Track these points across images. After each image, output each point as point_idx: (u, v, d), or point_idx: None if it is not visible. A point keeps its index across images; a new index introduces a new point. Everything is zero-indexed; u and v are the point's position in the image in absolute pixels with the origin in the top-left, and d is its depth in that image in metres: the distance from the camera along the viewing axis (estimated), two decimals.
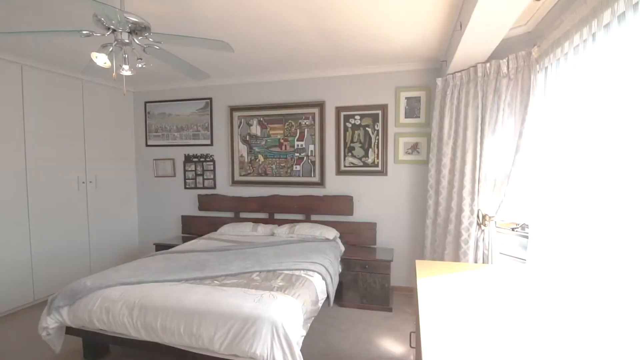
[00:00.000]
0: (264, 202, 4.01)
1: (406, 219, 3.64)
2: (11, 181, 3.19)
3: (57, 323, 2.23)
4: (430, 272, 1.89)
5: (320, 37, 2.78)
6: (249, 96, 4.07)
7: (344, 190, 3.80)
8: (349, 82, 3.72)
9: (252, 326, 1.83)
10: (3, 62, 3.10)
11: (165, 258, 2.84)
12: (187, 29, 2.55)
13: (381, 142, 3.64)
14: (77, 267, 3.81)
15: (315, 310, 2.33)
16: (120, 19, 1.74)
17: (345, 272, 3.27)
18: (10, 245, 3.18)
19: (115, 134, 4.29)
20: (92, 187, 3.98)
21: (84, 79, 3.84)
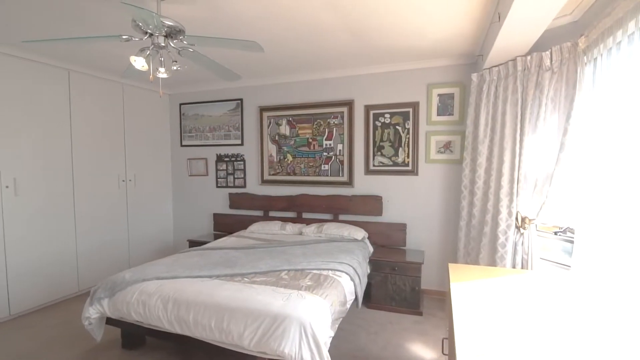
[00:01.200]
0: (292, 201, 4.04)
1: (438, 220, 3.52)
2: (60, 180, 3.41)
3: (98, 314, 2.35)
4: (464, 276, 1.80)
5: (350, 35, 2.74)
6: (279, 96, 4.11)
7: (373, 190, 3.74)
8: (378, 80, 3.65)
9: (280, 324, 1.84)
10: (53, 68, 3.33)
11: (198, 254, 2.92)
12: (219, 31, 2.60)
13: (412, 141, 3.55)
14: (117, 260, 4.02)
15: (344, 311, 2.30)
16: (156, 23, 1.80)
17: (374, 274, 3.22)
18: (58, 239, 3.41)
19: (152, 134, 4.49)
20: (132, 185, 4.19)
21: (124, 83, 4.04)
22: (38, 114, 3.22)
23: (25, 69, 3.11)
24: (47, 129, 3.30)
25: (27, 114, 3.13)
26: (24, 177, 3.12)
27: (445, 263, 3.44)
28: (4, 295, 2.99)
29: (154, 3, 2.03)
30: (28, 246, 3.16)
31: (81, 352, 2.51)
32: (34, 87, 3.18)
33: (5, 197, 2.98)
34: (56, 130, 3.37)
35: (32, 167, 3.18)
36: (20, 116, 3.08)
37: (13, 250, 3.05)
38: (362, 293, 2.69)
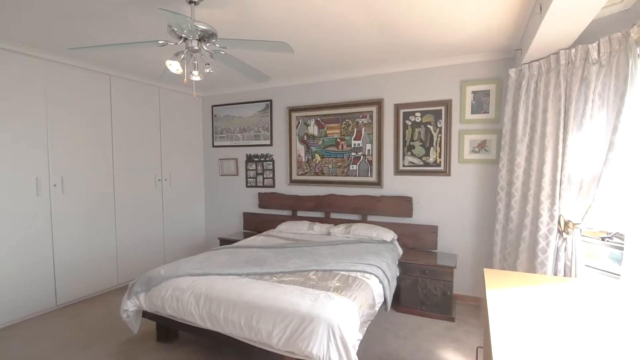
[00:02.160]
0: (320, 201, 4.03)
1: (471, 222, 3.38)
2: (102, 179, 3.62)
3: (136, 307, 2.47)
4: (501, 282, 1.71)
5: (380, 32, 2.69)
6: (307, 96, 4.12)
7: (403, 191, 3.66)
8: (408, 78, 3.56)
9: (309, 325, 1.83)
10: (96, 74, 3.54)
11: (228, 252, 2.99)
12: (250, 34, 2.64)
13: (444, 140, 3.43)
14: (153, 256, 4.20)
15: (372, 314, 2.27)
16: (190, 27, 1.86)
17: (404, 276, 3.14)
18: (100, 235, 3.62)
19: (186, 135, 4.65)
20: (167, 185, 4.36)
21: (160, 86, 4.22)
22: (83, 117, 3.42)
23: (71, 75, 3.32)
24: (91, 131, 3.50)
25: (74, 117, 3.34)
26: (70, 176, 3.33)
27: (480, 268, 3.31)
28: (51, 287, 3.21)
29: (188, 8, 2.10)
30: (73, 241, 3.37)
31: (119, 343, 2.64)
32: (79, 92, 3.39)
33: (53, 195, 3.20)
34: (99, 132, 3.58)
35: (78, 167, 3.39)
36: (67, 119, 3.29)
37: (59, 244, 3.26)
38: (391, 296, 2.63)
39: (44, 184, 3.13)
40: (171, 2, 2.12)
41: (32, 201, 3.05)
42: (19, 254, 2.97)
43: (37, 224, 3.09)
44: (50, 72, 3.16)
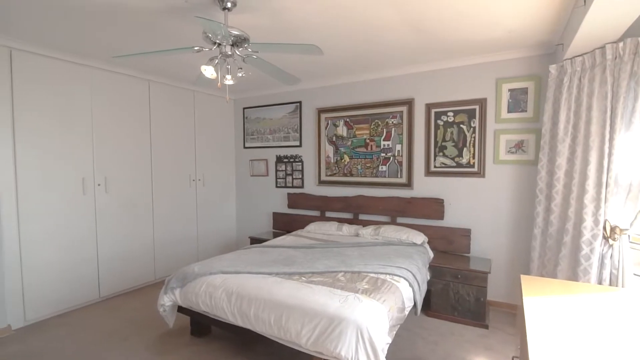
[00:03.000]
0: (348, 202, 4.02)
1: (507, 226, 3.24)
2: (141, 179, 3.82)
3: (171, 302, 2.58)
4: (540, 290, 1.63)
5: (411, 30, 2.65)
6: (336, 97, 4.13)
7: (434, 193, 3.57)
8: (440, 76, 3.47)
9: (337, 326, 1.84)
10: (136, 79, 3.74)
11: (258, 251, 3.05)
12: (280, 37, 2.69)
13: (478, 141, 3.32)
14: (187, 253, 4.38)
15: (402, 318, 2.23)
16: (224, 33, 1.92)
17: (434, 281, 3.07)
18: (139, 232, 3.82)
19: (219, 137, 4.81)
20: (201, 185, 4.53)
21: (195, 90, 4.39)
22: (124, 121, 3.63)
23: (114, 81, 3.54)
24: (131, 134, 3.71)
25: (116, 121, 3.56)
26: (113, 176, 3.54)
27: (516, 274, 3.17)
28: (95, 280, 3.43)
29: (221, 15, 2.17)
30: (114, 238, 3.59)
31: (156, 335, 2.78)
32: (121, 97, 3.60)
33: (97, 194, 3.42)
34: (138, 134, 3.78)
35: (119, 168, 3.60)
36: (110, 123, 3.50)
37: (103, 241, 3.48)
38: (421, 300, 2.58)
39: (89, 184, 3.35)
40: (206, 10, 2.21)
41: (78, 200, 3.27)
42: (67, 249, 3.20)
43: (83, 222, 3.31)
44: (96, 78, 3.38)
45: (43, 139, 3.01)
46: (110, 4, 2.17)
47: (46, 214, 3.04)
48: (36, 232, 2.98)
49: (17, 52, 2.83)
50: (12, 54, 2.80)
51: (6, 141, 2.80)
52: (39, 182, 2.99)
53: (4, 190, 2.79)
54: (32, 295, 2.97)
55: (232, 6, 2.09)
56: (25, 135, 2.89)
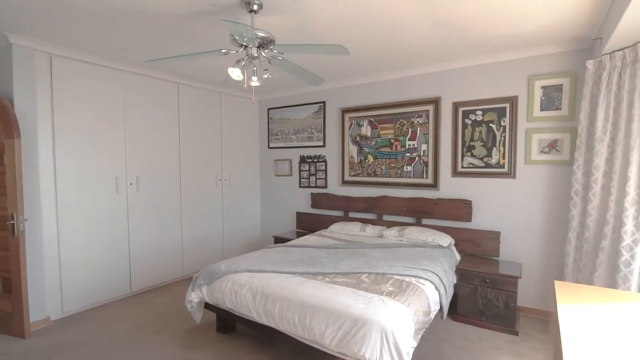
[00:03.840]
0: (372, 202, 3.99)
1: (539, 229, 3.11)
2: (170, 178, 3.95)
3: (199, 298, 2.65)
4: (575, 297, 1.55)
5: (437, 27, 2.59)
6: (360, 97, 4.10)
7: (461, 194, 3.47)
8: (468, 74, 3.38)
9: (361, 328, 1.82)
10: (165, 82, 3.87)
11: (282, 251, 3.08)
12: (306, 38, 2.70)
13: (508, 140, 3.20)
14: (213, 250, 4.49)
15: (427, 322, 2.19)
16: (251, 35, 1.95)
17: (461, 284, 2.99)
18: (168, 230, 3.95)
19: (244, 138, 4.90)
20: (227, 184, 4.63)
21: (221, 92, 4.50)
22: (155, 122, 3.77)
23: (146, 84, 3.68)
24: (161, 135, 3.84)
25: (147, 122, 3.70)
26: (144, 176, 3.68)
27: (549, 279, 3.03)
28: (126, 275, 3.58)
29: (248, 17, 2.21)
30: (145, 235, 3.73)
31: (184, 330, 2.86)
32: (152, 100, 3.74)
33: (129, 192, 3.56)
34: (168, 135, 3.91)
35: (150, 168, 3.74)
36: (141, 124, 3.65)
37: (134, 237, 3.62)
38: (447, 304, 2.52)
39: (122, 183, 3.49)
40: (233, 13, 2.25)
41: (112, 198, 3.42)
42: (101, 246, 3.36)
43: (116, 219, 3.47)
44: (129, 82, 3.52)
45: (80, 141, 3.17)
46: (142, 11, 2.26)
47: (82, 212, 3.20)
48: (73, 228, 3.14)
49: (56, 58, 2.99)
50: (52, 60, 2.97)
51: (47, 144, 2.97)
52: (75, 181, 3.15)
53: (44, 189, 2.96)
54: (69, 288, 3.14)
55: (259, 8, 2.12)
56: (63, 137, 3.06)
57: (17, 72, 2.76)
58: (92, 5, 2.21)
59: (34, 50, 2.85)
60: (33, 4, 2.20)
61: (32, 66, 2.85)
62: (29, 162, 2.82)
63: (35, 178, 2.88)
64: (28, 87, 2.83)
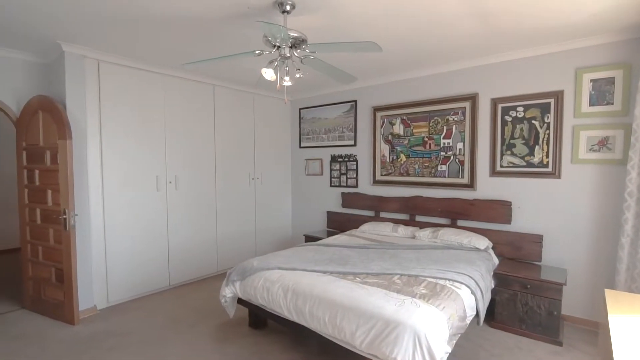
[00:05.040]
0: (404, 202, 3.90)
1: (587, 233, 2.89)
2: (206, 178, 4.10)
3: (232, 294, 2.72)
4: (629, 307, 1.43)
5: (477, 20, 2.48)
6: (392, 95, 4.03)
7: (500, 194, 3.31)
8: (508, 68, 3.21)
9: (393, 330, 1.79)
10: (201, 84, 4.01)
11: (313, 249, 3.10)
12: (338, 36, 2.69)
13: (553, 137, 3.00)
14: (246, 247, 4.60)
15: (463, 327, 2.10)
16: (283, 36, 1.97)
17: (500, 289, 2.85)
18: (204, 227, 4.10)
19: (276, 137, 4.97)
20: (259, 183, 4.73)
21: (254, 92, 4.59)
22: (192, 123, 3.92)
23: (183, 87, 3.83)
24: (198, 135, 3.99)
25: (185, 123, 3.85)
26: (182, 175, 3.84)
27: (598, 287, 2.82)
28: (165, 269, 3.75)
29: (281, 18, 2.23)
30: (183, 231, 3.89)
31: (217, 324, 2.95)
32: (189, 102, 3.89)
33: (169, 190, 3.73)
34: (204, 136, 4.05)
35: (187, 167, 3.89)
36: (180, 125, 3.81)
37: (173, 233, 3.79)
38: (484, 309, 2.41)
39: (162, 182, 3.67)
40: (266, 14, 2.28)
41: (153, 196, 3.60)
42: (143, 240, 3.54)
43: (156, 216, 3.64)
44: (168, 85, 3.69)
45: (124, 141, 3.36)
46: (182, 16, 2.35)
47: (126, 208, 3.39)
48: (117, 224, 3.34)
49: (103, 64, 3.19)
50: (100, 66, 3.17)
51: (95, 144, 3.17)
52: (120, 179, 3.34)
53: (93, 187, 3.17)
54: (114, 280, 3.34)
55: (291, 9, 2.14)
56: (109, 138, 3.26)
57: (69, 78, 2.98)
58: (138, 14, 2.33)
59: (84, 57, 3.06)
60: (84, 15, 2.35)
61: (82, 72, 3.06)
62: (79, 161, 3.03)
63: (85, 176, 3.09)
64: (79, 91, 3.04)
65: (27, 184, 3.17)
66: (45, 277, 3.10)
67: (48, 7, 2.26)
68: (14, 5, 2.23)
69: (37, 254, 3.14)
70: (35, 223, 3.13)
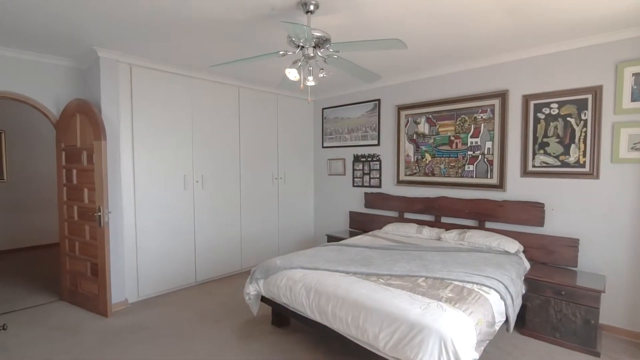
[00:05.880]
0: (429, 203, 3.81)
1: (628, 238, 2.71)
2: (231, 177, 4.18)
3: (256, 291, 2.76)
4: None
5: (507, 14, 2.38)
6: (417, 93, 3.95)
7: (532, 195, 3.17)
8: (541, 63, 3.06)
9: (418, 334, 1.75)
10: (227, 86, 4.09)
11: (336, 249, 3.08)
12: (362, 34, 2.67)
13: (590, 136, 2.84)
14: (269, 246, 4.65)
15: (491, 333, 2.03)
16: (307, 35, 1.97)
17: (531, 295, 2.72)
18: (229, 225, 4.19)
19: (299, 137, 5.00)
20: (282, 183, 4.77)
21: (278, 93, 4.64)
22: (218, 124, 4.01)
23: (210, 89, 3.93)
24: (224, 136, 4.08)
25: (211, 124, 3.95)
26: (208, 174, 3.94)
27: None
28: (192, 266, 3.86)
29: (304, 18, 2.24)
30: (209, 229, 3.98)
31: (241, 321, 3.00)
32: (215, 103, 3.98)
33: (195, 190, 3.83)
34: (229, 136, 4.14)
35: (213, 167, 3.99)
36: (206, 126, 3.90)
37: (199, 231, 3.89)
38: (514, 316, 2.31)
39: (189, 181, 3.77)
40: (290, 15, 2.30)
41: (181, 194, 3.71)
42: (171, 237, 3.66)
43: (184, 214, 3.75)
44: (195, 87, 3.79)
45: (153, 142, 3.48)
46: (207, 19, 2.41)
47: (155, 206, 3.52)
48: (147, 221, 3.47)
49: (135, 68, 3.32)
50: (132, 70, 3.30)
51: (127, 144, 3.31)
52: (150, 178, 3.47)
53: (125, 185, 3.30)
54: (144, 275, 3.47)
55: (315, 8, 2.14)
56: (140, 138, 3.39)
57: (104, 82, 3.12)
58: (169, 20, 2.41)
59: (117, 61, 3.20)
60: (118, 22, 2.46)
61: (115, 76, 3.20)
62: (113, 161, 3.17)
63: (118, 175, 3.23)
64: (113, 94, 3.18)
65: (65, 183, 3.35)
66: (81, 271, 3.26)
67: (85, 15, 2.37)
68: (55, 17, 2.37)
69: (74, 248, 3.32)
70: (73, 219, 3.31)
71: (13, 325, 2.89)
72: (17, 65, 3.12)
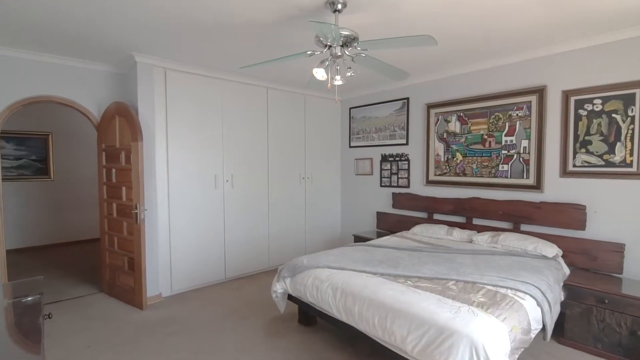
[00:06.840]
0: (460, 204, 3.69)
1: None
2: (260, 177, 4.26)
3: (283, 289, 2.79)
4: None
5: (544, 6, 2.26)
6: (448, 91, 3.83)
7: (572, 197, 2.99)
8: (583, 57, 2.88)
9: (448, 338, 1.70)
10: (255, 87, 4.17)
11: (363, 250, 3.06)
12: (390, 32, 2.63)
13: (639, 133, 2.64)
14: (296, 245, 4.69)
15: (526, 341, 1.93)
16: (335, 35, 1.97)
17: (570, 302, 2.57)
18: (257, 224, 4.27)
19: (326, 137, 5.01)
20: (309, 182, 4.80)
21: (305, 93, 4.66)
22: (247, 125, 4.10)
23: (239, 90, 4.02)
24: (253, 136, 4.16)
25: (240, 125, 4.04)
26: (237, 174, 4.03)
27: None
28: (222, 263, 3.96)
29: (332, 17, 2.23)
30: (238, 227, 4.08)
31: (269, 318, 3.04)
32: (245, 104, 4.07)
33: (225, 189, 3.94)
34: (258, 136, 4.22)
35: (242, 166, 4.08)
36: (236, 127, 4.00)
37: (229, 229, 3.99)
38: (552, 323, 2.19)
39: (220, 180, 3.88)
40: (317, 14, 2.30)
41: (211, 193, 3.83)
42: (202, 235, 3.78)
43: (215, 212, 3.86)
44: (225, 89, 3.89)
45: (186, 142, 3.61)
46: (235, 22, 2.46)
47: (187, 205, 3.65)
48: (180, 218, 3.60)
49: (170, 72, 3.46)
50: (167, 73, 3.44)
51: (162, 145, 3.46)
52: (183, 177, 3.60)
53: (160, 184, 3.45)
54: (177, 270, 3.61)
55: (342, 7, 2.13)
56: (174, 139, 3.52)
57: (140, 85, 3.27)
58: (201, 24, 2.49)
59: (153, 66, 3.35)
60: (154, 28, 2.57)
61: (151, 79, 3.35)
62: (149, 160, 3.32)
63: (153, 174, 3.38)
64: (149, 97, 3.33)
65: (105, 181, 3.55)
66: (119, 265, 3.44)
67: (124, 24, 2.50)
68: (98, 28, 2.51)
69: (113, 244, 3.51)
70: (112, 216, 3.50)
71: (57, 314, 3.10)
72: (63, 71, 3.34)
